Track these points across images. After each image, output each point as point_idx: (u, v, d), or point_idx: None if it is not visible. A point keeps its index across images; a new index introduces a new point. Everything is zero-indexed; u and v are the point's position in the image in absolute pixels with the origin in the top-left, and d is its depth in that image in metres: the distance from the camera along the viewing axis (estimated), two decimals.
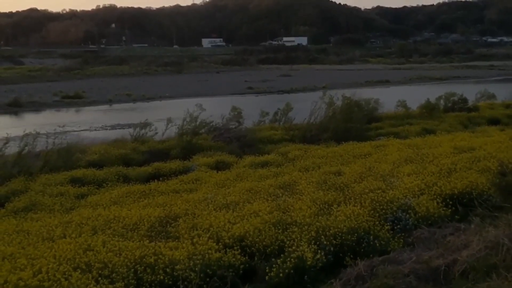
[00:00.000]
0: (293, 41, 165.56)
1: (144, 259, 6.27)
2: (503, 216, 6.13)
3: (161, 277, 5.96)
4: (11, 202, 11.51)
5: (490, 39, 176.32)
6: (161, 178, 13.61)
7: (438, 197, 8.62)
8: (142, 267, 6.13)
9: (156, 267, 6.09)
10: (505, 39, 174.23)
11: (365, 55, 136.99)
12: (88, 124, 33.48)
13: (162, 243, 6.91)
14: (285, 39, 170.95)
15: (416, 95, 34.38)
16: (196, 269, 5.98)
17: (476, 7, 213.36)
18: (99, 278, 5.76)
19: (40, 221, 9.14)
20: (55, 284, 5.44)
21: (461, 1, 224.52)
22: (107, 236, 7.31)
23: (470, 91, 32.29)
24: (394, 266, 5.23)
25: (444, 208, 8.17)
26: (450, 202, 8.44)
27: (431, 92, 32.40)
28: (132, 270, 6.06)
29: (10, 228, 8.56)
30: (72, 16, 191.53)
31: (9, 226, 8.79)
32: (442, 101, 28.24)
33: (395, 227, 7.61)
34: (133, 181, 13.98)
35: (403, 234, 7.33)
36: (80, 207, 10.71)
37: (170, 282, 5.92)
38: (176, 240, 7.10)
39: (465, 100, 28.82)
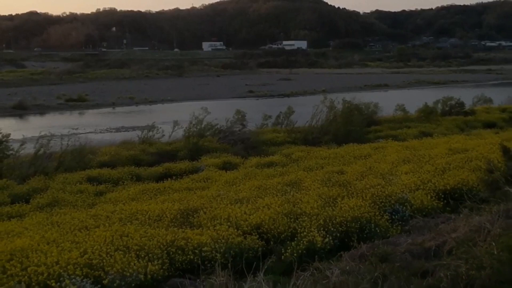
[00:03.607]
0: (293, 45, 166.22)
1: (175, 243, 7.21)
2: (487, 207, 7.02)
3: (191, 257, 6.93)
4: (35, 198, 12.24)
5: (489, 44, 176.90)
6: (173, 178, 14.39)
7: (432, 192, 9.61)
8: (174, 249, 7.10)
9: (186, 249, 7.05)
10: (504, 43, 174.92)
11: (364, 59, 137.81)
12: (93, 126, 33.87)
13: (189, 230, 7.78)
14: (284, 43, 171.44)
15: (414, 99, 35.05)
16: (221, 250, 6.92)
17: (475, 11, 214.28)
18: (138, 258, 6.61)
19: (67, 215, 9.92)
20: (103, 261, 6.30)
21: (460, 5, 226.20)
22: (135, 225, 8.15)
23: (467, 95, 33.08)
24: (392, 246, 6.13)
25: (437, 202, 9.18)
26: (443, 196, 9.44)
27: (429, 96, 33.18)
28: (165, 251, 7.03)
29: (42, 221, 9.35)
30: (73, 19, 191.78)
31: (40, 219, 9.58)
32: (439, 105, 28.96)
33: (393, 217, 8.57)
34: (146, 180, 14.72)
35: (400, 223, 8.31)
36: (101, 203, 11.50)
37: (198, 262, 6.81)
38: (200, 228, 7.96)
39: (462, 104, 29.52)
